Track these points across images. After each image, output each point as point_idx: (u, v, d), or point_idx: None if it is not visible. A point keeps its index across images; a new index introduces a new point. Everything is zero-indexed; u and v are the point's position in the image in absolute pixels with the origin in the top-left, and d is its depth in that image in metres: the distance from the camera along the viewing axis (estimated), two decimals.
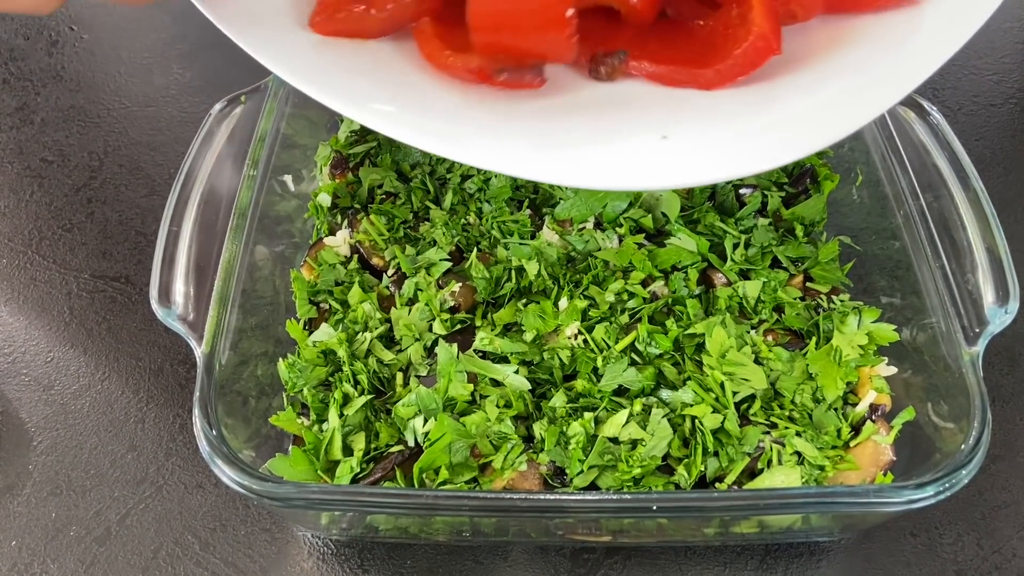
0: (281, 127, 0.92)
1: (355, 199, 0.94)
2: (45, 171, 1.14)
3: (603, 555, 0.80)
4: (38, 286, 1.02)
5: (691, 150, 0.58)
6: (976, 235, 0.77)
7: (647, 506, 0.65)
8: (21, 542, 0.82)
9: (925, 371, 0.76)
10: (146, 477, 0.86)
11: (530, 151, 0.59)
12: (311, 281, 0.87)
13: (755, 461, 0.74)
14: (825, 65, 0.63)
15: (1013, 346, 0.93)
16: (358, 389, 0.77)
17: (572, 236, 0.87)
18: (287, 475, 0.73)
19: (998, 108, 1.19)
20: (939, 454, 0.70)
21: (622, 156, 0.58)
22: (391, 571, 0.80)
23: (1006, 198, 1.03)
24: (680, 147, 0.58)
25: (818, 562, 0.79)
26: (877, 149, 0.88)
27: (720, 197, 0.92)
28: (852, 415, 0.77)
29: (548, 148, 0.59)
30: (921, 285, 0.79)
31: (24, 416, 0.91)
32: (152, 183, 1.12)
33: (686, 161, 0.57)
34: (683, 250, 0.85)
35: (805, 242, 0.89)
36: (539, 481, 0.74)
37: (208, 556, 0.81)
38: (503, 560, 0.80)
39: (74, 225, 1.08)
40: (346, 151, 0.97)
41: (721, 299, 0.82)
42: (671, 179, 0.57)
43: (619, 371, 0.77)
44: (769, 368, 0.78)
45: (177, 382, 0.93)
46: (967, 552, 0.80)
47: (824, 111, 0.59)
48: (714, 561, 0.79)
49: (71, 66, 1.29)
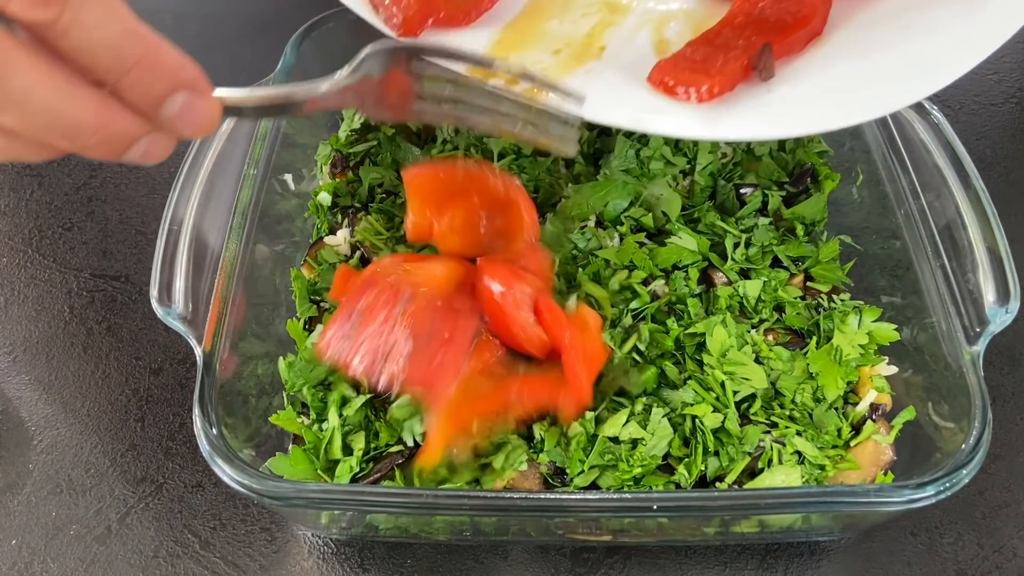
0: (281, 126, 0.92)
1: (355, 198, 0.94)
2: (45, 170, 1.14)
3: (603, 554, 0.80)
4: (38, 285, 1.02)
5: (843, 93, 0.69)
6: (977, 234, 0.77)
7: (647, 505, 0.65)
8: (21, 541, 0.82)
9: (926, 370, 0.76)
10: (146, 476, 0.86)
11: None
12: (311, 280, 0.87)
13: (755, 460, 0.74)
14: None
15: (1014, 345, 0.93)
16: (362, 389, 0.77)
17: (573, 234, 0.87)
18: (287, 474, 0.73)
19: (999, 107, 1.19)
20: (939, 454, 0.70)
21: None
22: (391, 570, 0.80)
23: (1007, 197, 1.03)
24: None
25: (818, 562, 0.79)
26: (878, 148, 0.88)
27: (720, 196, 0.92)
28: (852, 415, 0.77)
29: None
30: (922, 284, 0.79)
31: (24, 415, 0.91)
32: (152, 182, 1.12)
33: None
34: (684, 249, 0.85)
35: (806, 241, 0.89)
36: (539, 481, 0.74)
37: (208, 555, 0.81)
38: (503, 559, 0.80)
39: (74, 224, 1.08)
40: (346, 150, 0.97)
41: (722, 298, 0.82)
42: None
43: (621, 374, 0.77)
44: (770, 367, 0.78)
45: (177, 381, 0.93)
46: (967, 552, 0.80)
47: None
48: (714, 560, 0.79)
49: None
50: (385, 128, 0.99)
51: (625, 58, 0.73)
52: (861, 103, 0.68)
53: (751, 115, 0.68)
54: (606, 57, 0.74)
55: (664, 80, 0.68)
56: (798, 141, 0.95)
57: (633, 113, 0.68)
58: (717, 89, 0.67)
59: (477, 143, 0.95)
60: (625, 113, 0.68)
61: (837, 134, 0.96)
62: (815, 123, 0.69)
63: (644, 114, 0.68)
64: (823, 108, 0.68)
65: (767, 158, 0.94)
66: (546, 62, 0.73)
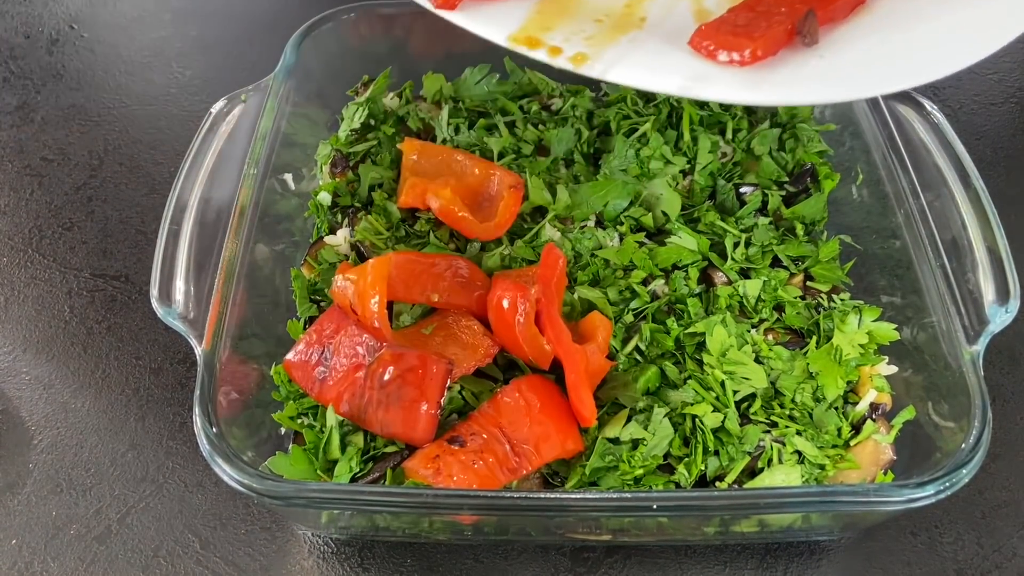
0: (281, 126, 0.92)
1: (355, 198, 0.94)
2: (45, 170, 1.14)
3: (603, 554, 0.80)
4: (38, 284, 1.02)
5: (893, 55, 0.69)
6: (977, 234, 0.77)
7: (647, 505, 0.65)
8: (22, 540, 0.82)
9: (925, 370, 0.76)
10: (146, 476, 0.86)
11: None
12: (311, 280, 0.87)
13: (755, 460, 0.74)
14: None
15: (1013, 345, 0.93)
16: None
17: (574, 234, 0.87)
18: (287, 474, 0.73)
19: (999, 107, 1.19)
20: (939, 453, 0.70)
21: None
22: (391, 569, 0.80)
23: (1007, 197, 1.03)
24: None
25: (818, 561, 0.79)
26: (878, 148, 0.88)
27: (720, 196, 0.92)
28: (852, 414, 0.77)
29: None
30: (921, 284, 0.79)
31: (24, 414, 0.91)
32: (152, 182, 1.12)
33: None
34: (684, 249, 0.85)
35: (805, 241, 0.89)
36: (539, 481, 0.74)
37: (208, 555, 0.81)
38: (503, 559, 0.80)
39: (74, 224, 1.08)
40: (346, 150, 0.97)
41: (722, 298, 0.82)
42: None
43: (620, 385, 0.77)
44: (769, 367, 0.78)
45: (177, 381, 0.93)
46: (967, 551, 0.80)
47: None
48: (714, 560, 0.79)
49: (71, 65, 1.29)
50: (385, 128, 0.99)
51: (667, 27, 0.73)
52: (905, 69, 0.68)
53: (796, 79, 0.67)
54: (647, 27, 0.73)
55: (705, 44, 0.68)
56: (798, 141, 0.95)
57: (679, 80, 0.68)
58: (761, 52, 0.67)
59: (477, 143, 0.96)
60: (672, 80, 0.68)
61: (837, 134, 0.96)
62: (859, 87, 0.69)
63: (689, 80, 0.67)
64: (868, 73, 0.68)
65: (767, 158, 0.94)
66: (588, 31, 0.72)
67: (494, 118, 0.98)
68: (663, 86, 0.68)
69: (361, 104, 0.99)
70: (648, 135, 0.93)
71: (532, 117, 0.99)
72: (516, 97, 1.02)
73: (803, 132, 0.95)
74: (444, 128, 0.97)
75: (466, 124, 0.98)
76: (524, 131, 0.97)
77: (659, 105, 0.97)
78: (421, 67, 1.04)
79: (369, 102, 0.99)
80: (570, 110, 0.99)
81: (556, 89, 1.03)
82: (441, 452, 0.70)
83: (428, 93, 1.03)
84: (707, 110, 0.97)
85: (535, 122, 0.99)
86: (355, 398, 0.73)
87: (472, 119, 0.99)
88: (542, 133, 0.96)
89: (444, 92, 1.02)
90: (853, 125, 0.93)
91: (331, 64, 1.02)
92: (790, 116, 0.98)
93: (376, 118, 0.99)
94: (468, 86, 1.02)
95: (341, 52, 1.03)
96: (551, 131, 0.96)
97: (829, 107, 0.99)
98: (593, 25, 0.73)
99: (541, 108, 1.00)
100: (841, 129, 0.96)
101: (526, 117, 0.99)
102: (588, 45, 0.70)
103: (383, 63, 1.03)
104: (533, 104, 1.01)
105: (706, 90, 0.67)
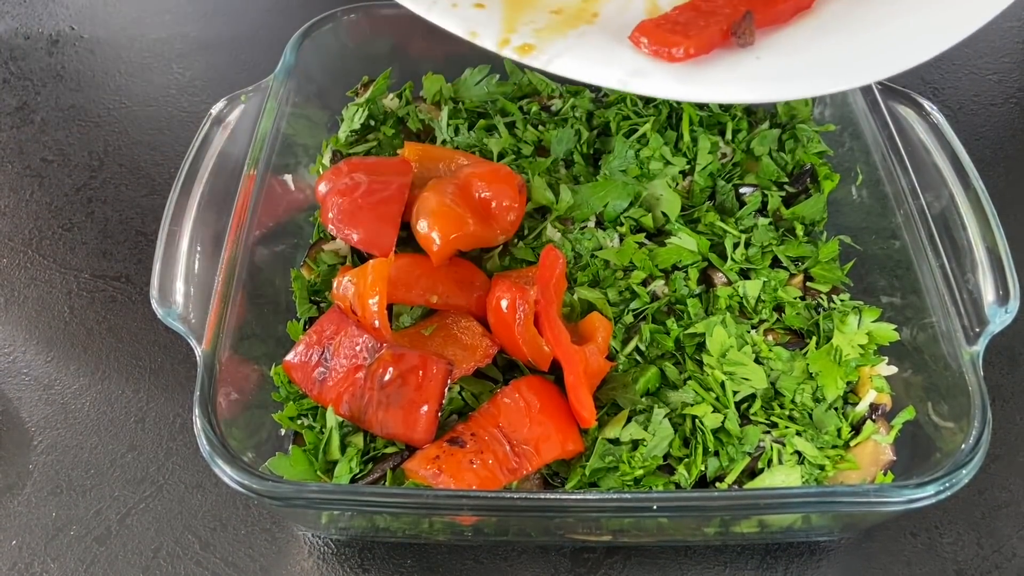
0: (281, 126, 0.92)
1: None
2: (45, 170, 1.14)
3: (603, 554, 0.80)
4: (38, 285, 1.02)
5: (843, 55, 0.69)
6: (976, 235, 0.77)
7: (647, 505, 0.65)
8: (21, 541, 0.82)
9: (925, 371, 0.76)
10: (146, 476, 0.86)
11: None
12: (311, 281, 0.87)
13: (755, 461, 0.74)
14: None
15: (1013, 345, 0.93)
16: None
17: (574, 235, 0.87)
18: (287, 474, 0.73)
19: (998, 108, 1.19)
20: (939, 453, 0.70)
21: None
22: (391, 570, 0.80)
23: (1006, 198, 1.03)
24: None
25: (818, 561, 0.79)
26: (877, 149, 0.88)
27: (720, 196, 0.92)
28: (852, 415, 0.77)
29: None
30: (921, 284, 0.79)
31: (24, 415, 0.91)
32: (152, 183, 1.12)
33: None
34: (683, 249, 0.85)
35: (805, 241, 0.89)
36: (539, 482, 0.74)
37: (208, 556, 0.81)
38: (503, 560, 0.80)
39: (74, 224, 1.08)
40: (346, 150, 0.97)
41: (721, 298, 0.82)
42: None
43: (619, 387, 0.77)
44: (769, 368, 0.78)
45: (177, 381, 0.93)
46: (967, 551, 0.80)
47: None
48: (714, 560, 0.79)
49: (71, 66, 1.29)
50: (385, 129, 0.99)
51: (618, 23, 0.74)
52: (836, 71, 0.69)
53: (729, 78, 0.68)
54: (599, 23, 0.74)
55: (643, 40, 0.69)
56: (798, 141, 0.95)
57: (619, 74, 0.69)
58: (694, 50, 0.68)
59: (477, 144, 0.96)
60: (612, 73, 0.69)
61: (837, 135, 0.96)
62: (787, 88, 0.69)
63: (628, 75, 0.69)
64: (800, 75, 0.69)
65: (767, 158, 0.94)
66: (539, 23, 0.73)
67: (494, 119, 0.98)
68: (603, 79, 0.69)
69: (361, 105, 0.99)
70: (648, 136, 0.93)
71: (532, 118, 0.99)
72: (516, 98, 1.02)
73: (803, 133, 0.95)
74: (444, 129, 0.97)
75: (466, 125, 0.98)
76: (524, 132, 0.97)
77: (659, 106, 0.97)
78: (421, 68, 1.04)
79: (369, 103, 0.99)
80: (570, 111, 0.99)
81: (556, 90, 1.03)
82: (441, 453, 0.70)
83: (428, 94, 1.03)
84: (707, 111, 0.97)
85: (535, 123, 0.99)
86: (355, 399, 0.73)
87: (472, 120, 0.99)
88: (542, 134, 0.97)
89: (444, 93, 1.02)
90: (853, 126, 0.93)
91: (331, 65, 1.02)
92: (790, 117, 0.99)
93: (376, 119, 1.00)
94: (468, 87, 1.02)
95: (341, 53, 1.03)
96: (551, 132, 0.96)
97: (829, 108, 0.99)
98: (546, 17, 0.74)
99: (541, 109, 1.00)
100: (841, 130, 0.96)
101: (526, 118, 0.99)
102: (537, 36, 0.71)
103: (383, 64, 1.03)
104: (533, 105, 1.01)
105: (642, 85, 0.68)
